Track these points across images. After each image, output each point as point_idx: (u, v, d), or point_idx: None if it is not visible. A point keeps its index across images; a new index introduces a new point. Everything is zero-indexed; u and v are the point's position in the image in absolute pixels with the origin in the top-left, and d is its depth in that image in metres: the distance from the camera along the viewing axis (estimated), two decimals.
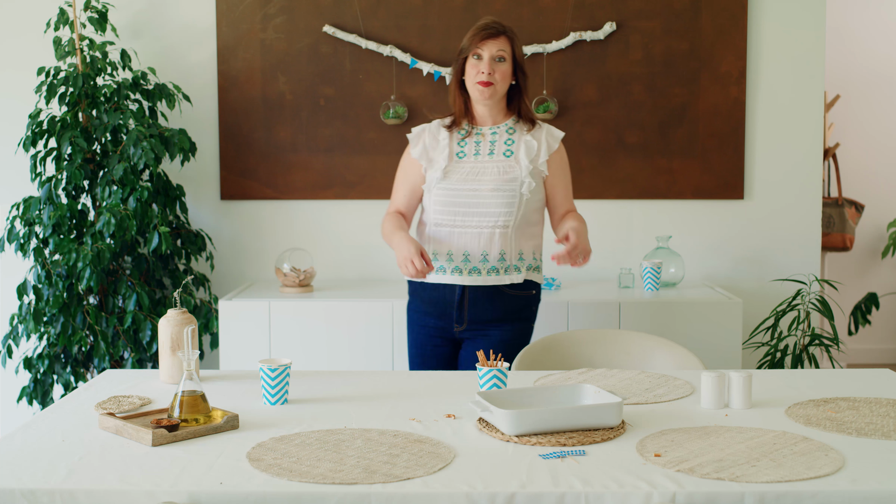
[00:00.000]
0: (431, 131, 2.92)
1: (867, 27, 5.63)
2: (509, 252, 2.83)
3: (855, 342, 5.77)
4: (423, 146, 2.90)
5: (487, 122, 2.88)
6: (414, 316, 2.96)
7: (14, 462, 1.81)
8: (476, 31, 2.83)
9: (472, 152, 2.86)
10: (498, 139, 2.87)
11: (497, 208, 2.79)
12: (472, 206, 2.81)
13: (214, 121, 4.04)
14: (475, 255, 2.81)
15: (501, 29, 2.82)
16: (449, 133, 2.88)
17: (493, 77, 2.79)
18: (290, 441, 1.92)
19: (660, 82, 3.99)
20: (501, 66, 2.81)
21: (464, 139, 2.88)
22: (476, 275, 2.82)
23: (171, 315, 2.39)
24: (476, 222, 2.81)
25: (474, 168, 2.84)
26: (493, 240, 2.81)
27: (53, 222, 3.62)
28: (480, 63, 2.80)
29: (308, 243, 4.06)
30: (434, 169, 2.86)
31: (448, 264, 2.84)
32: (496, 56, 2.80)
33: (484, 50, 2.80)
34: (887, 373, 2.51)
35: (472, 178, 2.82)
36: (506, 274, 2.83)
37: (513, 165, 2.83)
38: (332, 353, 3.56)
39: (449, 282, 2.85)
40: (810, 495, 1.65)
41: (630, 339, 2.84)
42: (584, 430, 1.96)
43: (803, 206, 4.07)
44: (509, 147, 2.86)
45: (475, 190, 2.80)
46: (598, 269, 4.08)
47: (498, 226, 2.81)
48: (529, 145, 2.85)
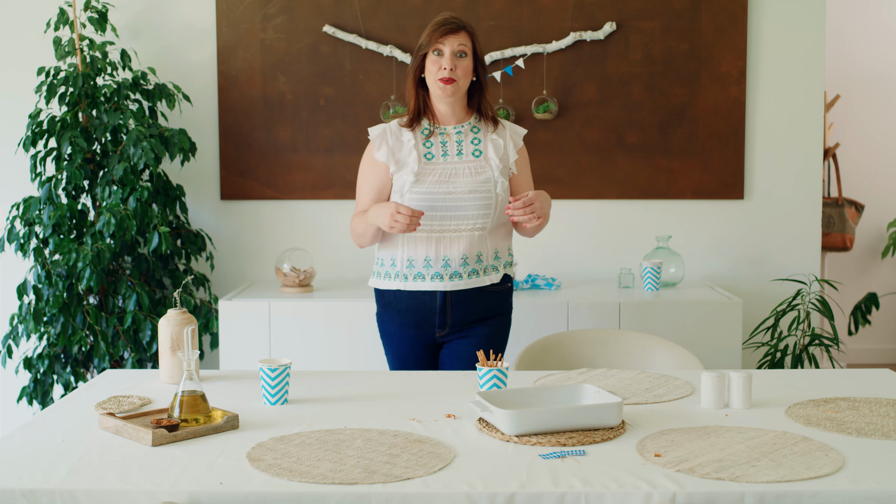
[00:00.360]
0: (393, 131, 2.80)
1: (867, 27, 5.63)
2: (486, 253, 2.78)
3: (855, 342, 5.77)
4: (387, 148, 2.78)
5: (450, 121, 2.80)
6: (391, 328, 2.85)
7: (14, 462, 1.81)
8: (436, 27, 2.73)
9: (440, 153, 2.77)
10: (464, 139, 2.79)
11: (475, 210, 2.72)
12: (449, 210, 2.72)
13: (214, 121, 4.05)
14: (455, 259, 2.74)
15: (461, 24, 2.74)
16: (412, 133, 2.78)
17: (456, 73, 2.71)
18: (290, 441, 1.92)
19: (660, 82, 3.99)
20: (463, 61, 2.72)
21: (428, 139, 2.78)
22: (458, 279, 2.75)
23: (171, 315, 2.39)
24: (454, 226, 2.74)
25: (446, 170, 2.75)
26: (472, 242, 2.75)
27: (53, 222, 3.62)
28: (442, 59, 2.71)
29: (308, 243, 4.06)
30: (405, 172, 2.75)
31: (427, 270, 2.75)
32: (457, 51, 2.71)
33: (445, 45, 2.71)
34: (887, 373, 2.51)
35: (446, 181, 2.73)
36: (485, 275, 2.77)
37: (483, 166, 2.75)
38: (332, 353, 3.56)
39: (429, 289, 2.76)
40: (810, 495, 1.65)
41: (630, 339, 2.84)
42: (584, 430, 1.95)
43: (803, 206, 4.07)
44: (477, 147, 2.79)
45: (450, 193, 2.72)
46: (598, 269, 4.08)
47: (476, 228, 2.74)
48: (496, 144, 2.79)
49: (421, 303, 2.77)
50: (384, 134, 2.80)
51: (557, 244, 4.02)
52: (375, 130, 2.82)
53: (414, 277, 2.76)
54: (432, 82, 2.74)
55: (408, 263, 2.76)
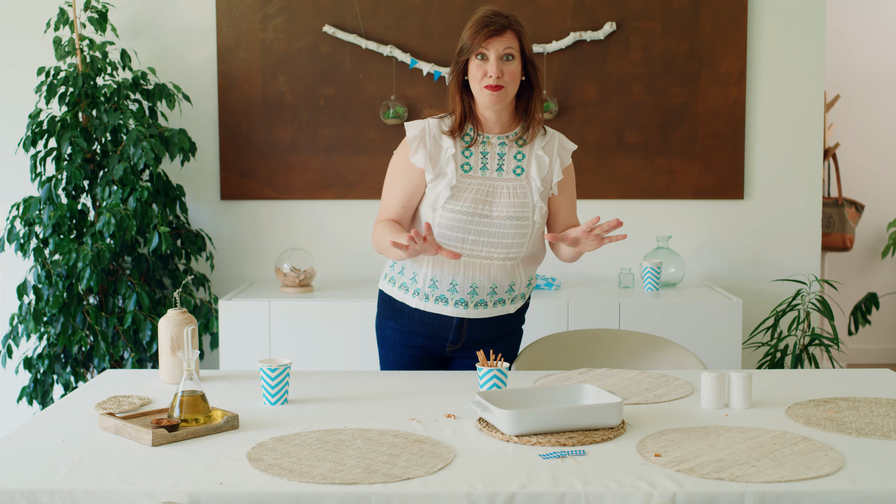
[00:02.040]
0: (433, 134, 2.52)
1: (867, 27, 5.63)
2: (519, 283, 2.58)
3: (855, 342, 5.77)
4: (425, 152, 2.50)
5: (495, 129, 2.54)
6: (395, 335, 2.64)
7: (14, 462, 1.81)
8: (478, 27, 2.45)
9: (478, 165, 2.52)
10: (507, 153, 2.53)
11: (510, 239, 2.50)
12: (484, 235, 2.49)
13: (214, 121, 4.04)
14: (483, 287, 2.53)
15: (506, 23, 2.45)
16: (452, 140, 2.51)
17: (503, 79, 2.44)
18: (290, 441, 1.92)
19: (660, 82, 3.99)
20: (510, 65, 2.45)
21: (468, 147, 2.52)
22: (482, 307, 2.56)
23: (171, 315, 2.39)
24: (486, 252, 2.50)
25: (483, 187, 2.50)
26: (504, 272, 2.53)
27: (53, 222, 3.62)
28: (486, 64, 2.44)
29: (308, 243, 4.06)
30: (441, 183, 2.49)
31: (451, 295, 2.54)
32: (503, 55, 2.44)
33: (489, 49, 2.44)
34: (887, 373, 2.51)
35: (483, 200, 2.48)
36: (512, 304, 2.60)
37: (524, 186, 2.51)
38: (332, 354, 3.56)
39: (450, 314, 2.56)
40: (810, 495, 1.65)
41: (630, 339, 2.84)
42: (584, 430, 1.95)
43: (803, 206, 4.07)
44: (520, 163, 2.53)
45: (487, 216, 2.48)
46: (598, 269, 4.08)
47: (509, 257, 2.52)
48: (541, 161, 2.54)
49: (437, 321, 2.59)
50: (423, 135, 2.52)
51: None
52: (413, 129, 2.53)
53: (436, 300, 2.55)
54: (478, 89, 2.47)
55: (431, 283, 2.54)
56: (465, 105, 2.52)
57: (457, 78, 2.52)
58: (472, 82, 2.48)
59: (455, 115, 2.53)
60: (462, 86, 2.52)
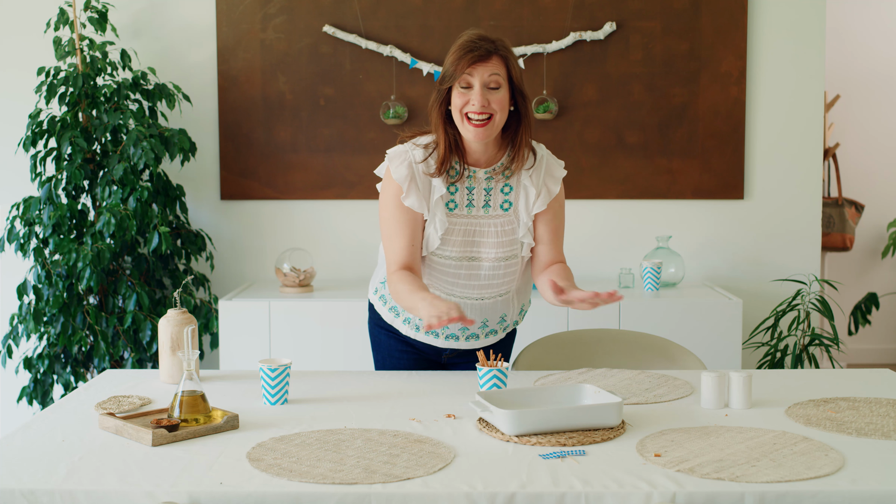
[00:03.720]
0: (419, 174, 2.34)
1: (867, 27, 5.63)
2: (511, 313, 2.53)
3: (855, 342, 5.77)
4: (417, 192, 2.34)
5: (481, 161, 2.37)
6: (391, 341, 2.58)
7: (14, 462, 1.81)
8: (461, 53, 2.26)
9: (463, 203, 2.37)
10: (494, 187, 2.38)
11: (500, 279, 2.42)
12: (473, 279, 2.41)
13: (214, 121, 4.05)
14: (476, 324, 2.48)
15: (492, 48, 2.27)
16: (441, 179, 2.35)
17: (490, 108, 2.27)
18: (290, 441, 1.92)
19: (660, 82, 3.99)
20: (496, 94, 2.27)
21: (454, 182, 2.37)
22: (474, 340, 2.52)
23: (171, 315, 2.39)
24: (477, 294, 2.44)
25: (469, 227, 2.38)
26: (496, 308, 2.48)
27: (53, 222, 3.62)
28: (470, 93, 2.27)
29: (308, 243, 4.06)
30: (432, 226, 2.36)
31: (442, 330, 2.47)
32: (489, 83, 2.27)
33: (473, 76, 2.26)
34: (887, 373, 2.51)
35: (470, 242, 2.38)
36: (503, 332, 2.56)
37: (511, 222, 2.39)
38: (332, 354, 3.56)
39: (442, 346, 2.52)
40: (810, 495, 1.65)
41: (630, 339, 2.84)
42: (584, 430, 1.95)
43: (803, 206, 4.07)
44: (507, 197, 2.39)
45: (476, 259, 2.39)
46: (598, 269, 4.08)
47: (500, 294, 2.46)
48: (528, 193, 2.39)
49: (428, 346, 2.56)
50: (411, 175, 2.34)
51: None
52: (399, 171, 2.34)
53: (426, 332, 2.49)
54: (459, 120, 2.29)
55: None
56: (449, 137, 2.34)
57: (439, 108, 2.33)
58: (455, 112, 2.30)
59: (439, 150, 2.34)
60: (445, 117, 2.34)
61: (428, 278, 2.44)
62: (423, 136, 2.42)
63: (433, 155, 2.36)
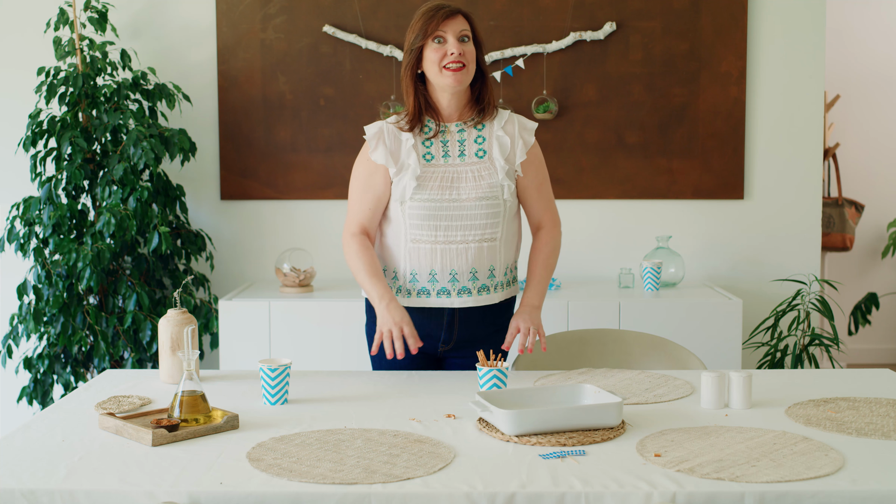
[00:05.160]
0: (391, 130, 2.55)
1: (867, 27, 5.63)
2: (499, 267, 2.57)
3: (855, 342, 5.77)
4: (385, 148, 2.53)
5: (453, 117, 2.55)
6: None
7: (14, 462, 1.81)
8: (432, 13, 2.49)
9: (440, 154, 2.53)
10: (467, 138, 2.54)
11: (483, 220, 2.50)
12: (455, 220, 2.50)
13: (214, 121, 4.05)
14: (463, 273, 2.52)
15: (456, 8, 2.50)
16: (411, 134, 2.54)
17: (464, 57, 2.47)
18: (290, 441, 1.92)
19: (660, 82, 3.99)
20: (467, 46, 2.49)
21: (429, 138, 2.54)
22: (466, 295, 2.54)
23: (171, 315, 2.39)
24: (461, 237, 2.51)
25: (447, 173, 2.51)
26: (482, 255, 2.52)
27: (53, 222, 3.62)
28: (445, 45, 2.47)
29: (308, 243, 4.06)
30: (405, 175, 2.50)
31: (432, 286, 2.53)
32: (460, 35, 2.48)
33: (447, 31, 2.47)
34: (887, 373, 2.51)
35: (449, 186, 2.50)
36: (496, 292, 2.58)
37: (488, 167, 2.52)
38: (332, 354, 3.56)
39: (436, 305, 2.55)
40: (810, 495, 1.65)
41: (630, 339, 2.84)
42: (584, 430, 1.95)
43: (803, 206, 4.07)
44: (481, 146, 2.54)
45: (455, 200, 2.49)
46: (598, 269, 4.08)
47: (485, 238, 2.52)
48: (502, 142, 2.54)
49: (426, 319, 2.57)
50: (381, 133, 2.55)
51: None
52: (372, 129, 2.58)
53: (418, 293, 2.55)
54: (436, 73, 2.48)
55: (411, 277, 2.54)
56: (419, 97, 2.54)
57: (410, 71, 2.53)
58: (431, 66, 2.49)
59: (409, 109, 2.54)
60: (415, 79, 2.54)
61: (411, 227, 2.53)
62: None
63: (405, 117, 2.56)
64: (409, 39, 2.52)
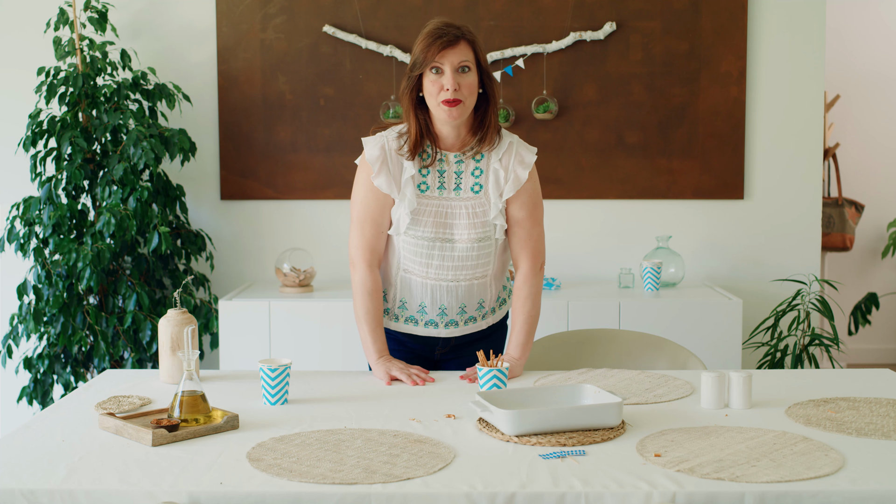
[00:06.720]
0: (392, 155, 2.44)
1: (867, 27, 5.63)
2: (488, 300, 2.56)
3: (855, 342, 5.77)
4: (387, 173, 2.43)
5: (454, 146, 2.45)
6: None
7: (14, 462, 1.81)
8: (430, 40, 2.35)
9: (435, 185, 2.44)
10: (465, 170, 2.45)
11: (475, 261, 2.47)
12: (448, 260, 2.46)
13: (214, 121, 4.05)
14: (452, 308, 2.51)
15: (459, 34, 2.36)
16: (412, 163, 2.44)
17: (461, 93, 2.35)
18: (290, 441, 1.92)
19: (660, 82, 3.99)
20: (467, 77, 2.36)
21: (426, 166, 2.44)
22: (453, 327, 2.54)
23: (171, 315, 2.39)
24: (453, 276, 2.48)
25: (441, 208, 2.44)
26: (472, 291, 2.51)
27: (53, 222, 3.62)
28: (442, 78, 2.35)
29: (308, 243, 4.06)
30: (402, 206, 2.43)
31: (420, 316, 2.53)
32: (459, 67, 2.35)
33: (444, 62, 2.35)
34: (887, 373, 2.51)
35: (443, 223, 2.43)
36: (483, 320, 2.58)
37: (483, 204, 2.44)
38: (332, 354, 3.56)
39: (422, 334, 2.55)
40: (810, 495, 1.65)
41: (630, 339, 2.84)
42: (584, 430, 1.95)
43: (803, 206, 4.07)
44: (477, 179, 2.45)
45: (449, 240, 2.44)
46: (598, 269, 4.08)
47: (476, 277, 2.50)
48: (498, 176, 2.45)
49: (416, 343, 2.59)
50: (383, 157, 2.44)
51: (557, 244, 4.01)
52: (373, 151, 2.46)
53: (406, 320, 2.55)
54: (434, 105, 2.38)
55: (400, 304, 2.54)
56: (420, 122, 2.42)
57: (410, 95, 2.42)
58: (429, 98, 2.39)
59: (410, 135, 2.43)
60: (416, 102, 2.43)
61: (404, 259, 2.49)
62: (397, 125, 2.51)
63: (406, 140, 2.45)
64: (411, 59, 2.42)
